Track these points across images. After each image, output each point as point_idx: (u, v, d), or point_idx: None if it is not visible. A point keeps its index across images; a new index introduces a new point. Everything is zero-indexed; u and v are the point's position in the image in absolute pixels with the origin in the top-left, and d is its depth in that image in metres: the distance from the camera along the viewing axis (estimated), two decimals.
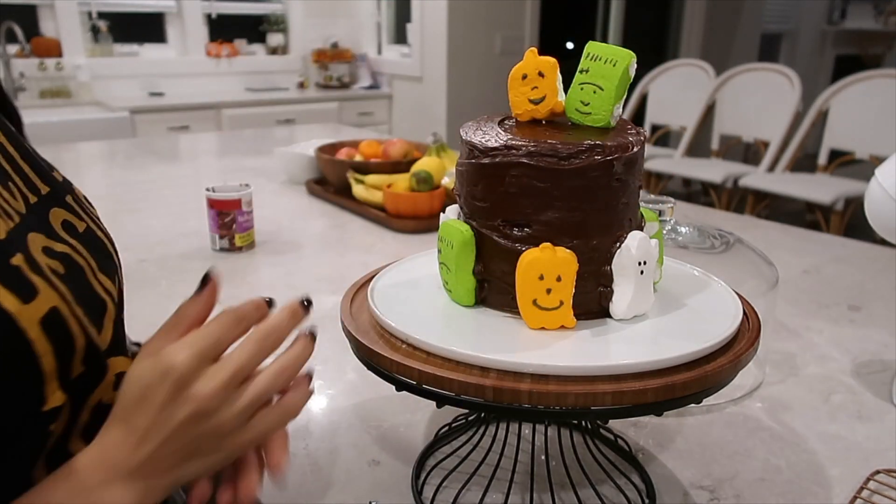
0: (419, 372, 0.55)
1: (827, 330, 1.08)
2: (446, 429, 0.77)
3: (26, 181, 0.52)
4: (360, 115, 4.26)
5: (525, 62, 0.63)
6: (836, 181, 3.39)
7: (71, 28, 3.74)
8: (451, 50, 3.88)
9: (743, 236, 0.95)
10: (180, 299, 0.52)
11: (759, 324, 0.63)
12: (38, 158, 0.56)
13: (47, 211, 0.52)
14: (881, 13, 5.82)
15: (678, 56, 4.78)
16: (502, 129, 0.63)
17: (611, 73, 0.60)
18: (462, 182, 0.63)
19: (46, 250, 0.48)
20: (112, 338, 0.52)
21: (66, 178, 0.58)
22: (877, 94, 3.28)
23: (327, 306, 1.12)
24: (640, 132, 0.62)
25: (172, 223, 1.58)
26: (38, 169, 0.54)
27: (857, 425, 0.83)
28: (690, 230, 0.92)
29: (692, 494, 0.71)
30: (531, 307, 0.59)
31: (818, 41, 5.95)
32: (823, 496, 0.71)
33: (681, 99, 4.03)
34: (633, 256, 0.59)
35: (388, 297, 0.65)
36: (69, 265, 0.49)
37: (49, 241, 0.49)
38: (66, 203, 0.55)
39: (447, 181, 1.56)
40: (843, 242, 1.51)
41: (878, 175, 0.84)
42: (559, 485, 0.70)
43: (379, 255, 1.40)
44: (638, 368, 0.54)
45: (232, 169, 2.22)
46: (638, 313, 0.62)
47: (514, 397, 0.52)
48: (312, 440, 0.80)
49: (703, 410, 0.86)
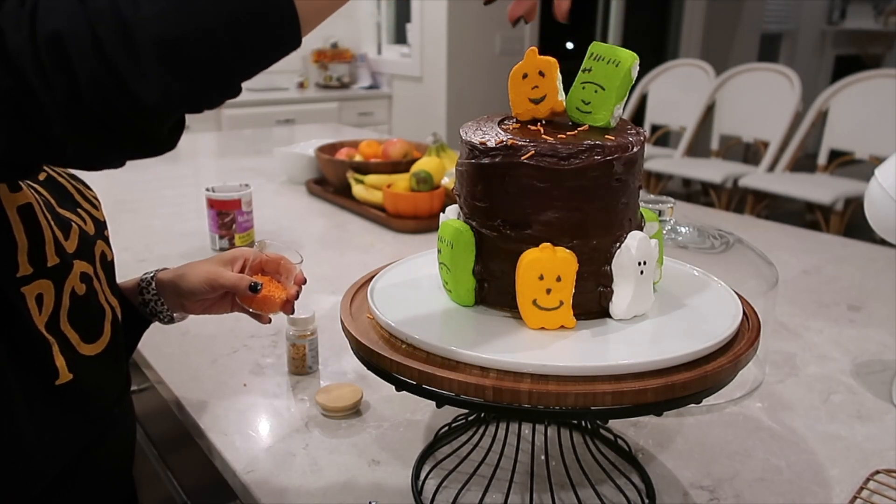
0: (419, 372, 0.55)
1: (827, 330, 1.08)
2: (446, 429, 0.77)
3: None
4: (359, 115, 4.25)
5: (526, 61, 0.63)
6: (836, 181, 3.38)
7: None
8: (451, 50, 3.88)
9: (743, 236, 0.95)
10: None
11: (759, 324, 0.63)
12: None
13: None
14: (881, 13, 5.82)
15: (678, 56, 4.78)
16: (502, 129, 0.63)
17: (613, 73, 0.60)
18: (462, 182, 0.63)
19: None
20: (77, 247, 0.64)
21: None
22: (877, 94, 3.27)
23: (327, 306, 1.12)
24: (640, 132, 0.62)
25: (172, 223, 1.58)
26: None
27: (856, 425, 0.83)
28: (690, 230, 0.92)
29: (692, 494, 0.71)
30: (531, 307, 0.59)
31: (818, 41, 5.94)
32: (823, 496, 0.71)
33: (681, 99, 4.03)
34: (632, 256, 0.59)
35: (388, 297, 0.65)
36: (53, 189, 0.66)
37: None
38: None
39: (447, 181, 1.56)
40: (843, 242, 1.51)
41: (878, 175, 0.84)
42: (559, 485, 0.70)
43: (379, 255, 1.40)
44: (638, 368, 0.54)
45: (232, 169, 2.22)
46: (638, 313, 0.62)
47: (514, 397, 0.52)
48: (312, 440, 0.80)
49: (703, 410, 0.86)
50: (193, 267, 0.79)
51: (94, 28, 0.41)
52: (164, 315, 0.80)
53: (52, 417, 0.62)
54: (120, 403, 0.72)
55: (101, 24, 0.41)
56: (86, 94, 0.42)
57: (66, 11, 0.41)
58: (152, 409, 1.04)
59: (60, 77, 0.41)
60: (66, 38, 0.41)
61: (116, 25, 0.41)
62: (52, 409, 0.62)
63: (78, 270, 0.63)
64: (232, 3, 0.42)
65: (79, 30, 0.41)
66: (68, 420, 0.63)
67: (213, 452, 0.80)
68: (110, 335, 0.68)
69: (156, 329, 0.83)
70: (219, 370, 0.94)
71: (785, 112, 3.55)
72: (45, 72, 0.41)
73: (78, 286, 0.63)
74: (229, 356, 0.98)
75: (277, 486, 0.72)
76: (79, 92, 0.42)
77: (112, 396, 0.70)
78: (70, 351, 0.62)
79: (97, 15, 0.41)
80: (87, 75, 0.41)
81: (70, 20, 0.41)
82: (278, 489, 0.72)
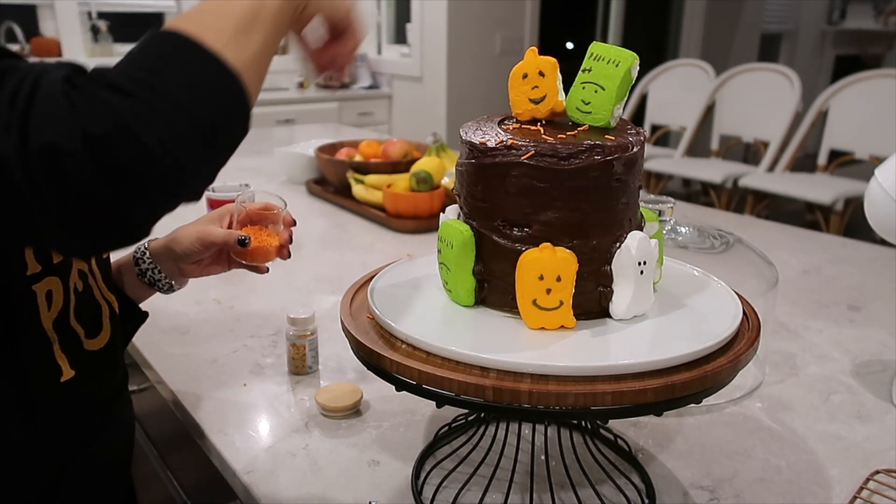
0: (419, 372, 0.55)
1: (827, 330, 1.08)
2: (446, 429, 0.77)
3: None
4: (359, 115, 4.25)
5: (526, 61, 0.63)
6: (836, 181, 3.38)
7: (71, 28, 3.73)
8: (451, 50, 3.88)
9: (743, 236, 0.95)
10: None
11: (759, 324, 0.63)
12: None
13: None
14: (881, 13, 5.82)
15: (678, 56, 4.78)
16: (502, 129, 0.63)
17: (613, 73, 0.60)
18: (462, 182, 0.63)
19: None
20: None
21: None
22: (877, 94, 3.27)
23: (327, 306, 1.12)
24: (639, 132, 0.62)
25: (172, 223, 1.57)
26: None
27: (856, 425, 0.83)
28: (690, 230, 0.92)
29: (692, 494, 0.71)
30: (531, 307, 0.59)
31: (818, 41, 5.94)
32: (823, 496, 0.71)
33: (681, 99, 4.03)
34: (632, 256, 0.59)
35: (388, 297, 0.65)
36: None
37: None
38: None
39: (447, 181, 1.56)
40: (843, 242, 1.51)
41: (878, 175, 0.84)
42: (559, 485, 0.70)
43: (379, 255, 1.40)
44: (638, 368, 0.54)
45: (231, 169, 2.21)
46: (638, 313, 0.62)
47: (514, 397, 0.52)
48: (312, 440, 0.80)
49: (703, 410, 0.86)
50: (183, 229, 0.81)
51: (91, 145, 0.40)
52: (163, 283, 0.82)
53: (55, 415, 0.62)
54: (119, 397, 0.72)
55: (99, 141, 0.40)
56: (76, 205, 0.41)
57: (63, 123, 0.40)
58: (152, 409, 1.04)
59: (51, 188, 0.40)
60: (62, 154, 0.40)
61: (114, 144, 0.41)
62: (56, 407, 0.62)
63: (76, 267, 0.64)
64: (210, 113, 0.45)
65: (75, 146, 0.40)
66: (70, 416, 0.64)
67: (212, 452, 0.80)
68: (109, 330, 0.68)
69: (156, 329, 0.83)
70: (219, 370, 0.94)
71: (785, 112, 3.55)
72: (34, 181, 0.40)
73: (78, 283, 0.64)
74: (229, 356, 0.98)
75: (277, 486, 0.72)
76: (69, 202, 0.41)
77: (112, 391, 0.70)
78: (75, 347, 0.63)
79: (93, 123, 0.40)
80: (80, 191, 0.41)
81: (68, 135, 0.40)
82: (278, 489, 0.72)
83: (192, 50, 0.45)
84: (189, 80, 0.44)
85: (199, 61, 0.45)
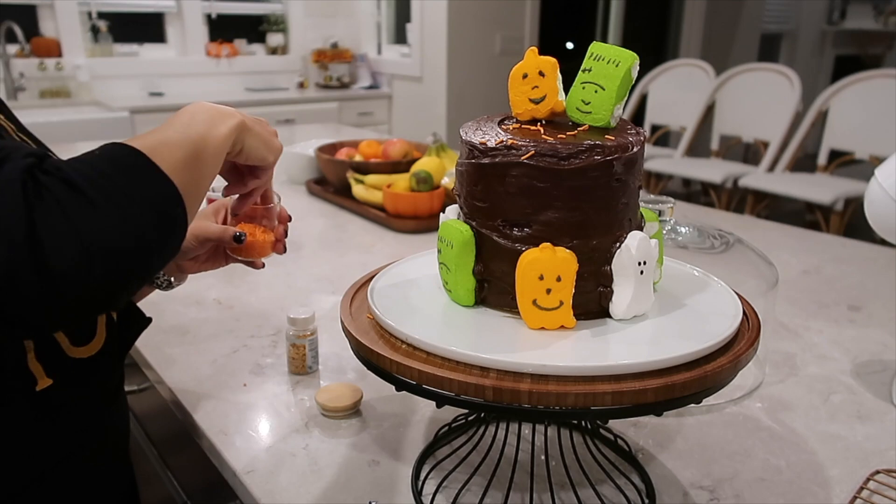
0: (419, 372, 0.55)
1: (827, 330, 1.08)
2: (446, 429, 0.77)
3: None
4: (359, 115, 4.25)
5: (526, 61, 0.63)
6: (836, 181, 3.38)
7: (71, 28, 3.73)
8: (450, 50, 3.88)
9: (743, 236, 0.95)
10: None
11: (759, 324, 0.63)
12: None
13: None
14: (881, 13, 5.82)
15: (678, 56, 4.78)
16: (502, 129, 0.63)
17: (613, 73, 0.60)
18: (462, 182, 0.63)
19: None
20: None
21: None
22: (877, 94, 3.27)
23: (327, 306, 1.12)
24: (639, 132, 0.62)
25: None
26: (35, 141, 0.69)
27: (856, 425, 0.83)
28: (690, 230, 0.92)
29: (692, 494, 0.71)
30: (531, 307, 0.59)
31: (818, 41, 5.94)
32: (823, 496, 0.71)
33: (681, 99, 4.03)
34: (632, 256, 0.59)
35: (388, 297, 0.65)
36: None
37: None
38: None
39: (447, 181, 1.56)
40: (843, 242, 1.51)
41: (878, 175, 0.84)
42: (559, 485, 0.70)
43: (379, 255, 1.40)
44: (638, 368, 0.54)
45: None
46: (638, 313, 0.62)
47: (514, 397, 0.52)
48: (312, 440, 0.80)
49: (703, 410, 0.86)
50: None
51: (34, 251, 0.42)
52: (161, 280, 0.82)
53: (32, 423, 0.61)
54: (114, 401, 0.72)
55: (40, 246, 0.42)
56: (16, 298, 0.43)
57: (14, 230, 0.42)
58: (152, 409, 1.04)
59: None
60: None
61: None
62: (30, 416, 0.60)
63: None
64: (150, 230, 0.48)
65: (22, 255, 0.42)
66: (49, 425, 0.62)
67: (212, 452, 0.80)
68: (105, 336, 0.67)
69: (156, 329, 0.83)
70: (219, 370, 0.94)
71: (785, 112, 3.55)
72: None
73: None
74: (229, 356, 0.98)
75: (277, 486, 0.72)
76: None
77: (103, 397, 0.69)
78: (54, 354, 0.61)
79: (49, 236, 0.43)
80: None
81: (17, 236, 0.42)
82: (278, 489, 0.72)
83: (146, 167, 0.49)
84: (141, 194, 0.48)
85: (151, 179, 0.49)
